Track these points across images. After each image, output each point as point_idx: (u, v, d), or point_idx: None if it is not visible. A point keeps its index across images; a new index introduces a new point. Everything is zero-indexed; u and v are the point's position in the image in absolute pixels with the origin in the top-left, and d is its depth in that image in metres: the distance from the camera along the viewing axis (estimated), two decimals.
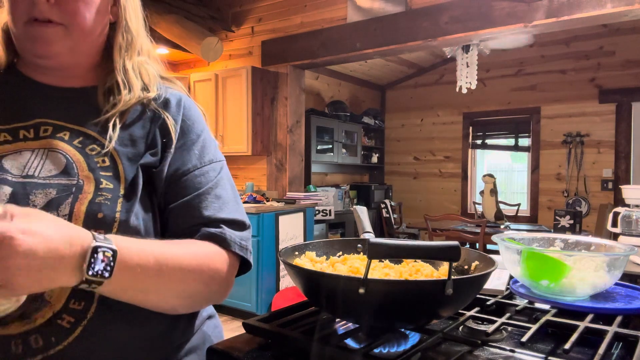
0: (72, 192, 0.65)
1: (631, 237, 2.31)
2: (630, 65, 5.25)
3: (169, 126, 0.74)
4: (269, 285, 3.87)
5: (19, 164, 0.65)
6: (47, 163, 0.66)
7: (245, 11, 4.61)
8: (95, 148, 0.69)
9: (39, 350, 0.59)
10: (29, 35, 0.66)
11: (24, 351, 0.59)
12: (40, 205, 0.63)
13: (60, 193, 0.64)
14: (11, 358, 0.58)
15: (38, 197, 0.64)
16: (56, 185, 0.65)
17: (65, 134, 0.70)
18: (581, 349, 0.67)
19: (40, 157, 0.67)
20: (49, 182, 0.65)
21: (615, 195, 5.23)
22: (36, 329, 0.59)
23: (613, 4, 2.78)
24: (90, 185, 0.66)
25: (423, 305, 0.64)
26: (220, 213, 0.72)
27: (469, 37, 3.42)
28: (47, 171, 0.66)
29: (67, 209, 0.64)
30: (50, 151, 0.67)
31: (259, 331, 0.72)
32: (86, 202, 0.65)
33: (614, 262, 0.80)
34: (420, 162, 6.79)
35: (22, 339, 0.59)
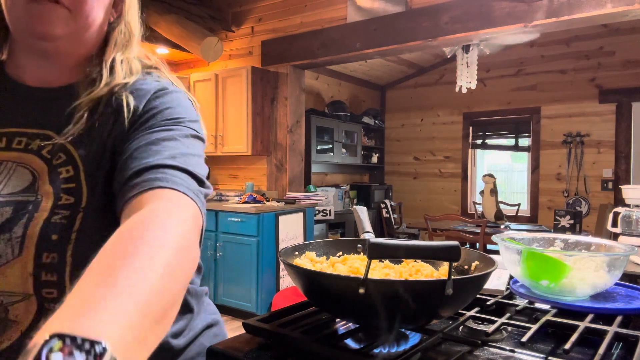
0: (28, 210, 0.60)
1: (631, 237, 2.31)
2: (630, 65, 5.25)
3: (123, 106, 0.65)
4: (269, 285, 3.87)
5: None
6: (13, 178, 0.62)
7: (245, 11, 4.61)
8: (61, 157, 0.64)
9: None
10: (32, 13, 0.61)
11: None
12: None
13: (16, 212, 0.60)
14: None
15: None
16: (13, 204, 0.60)
17: (37, 143, 0.65)
18: (581, 349, 0.67)
19: (7, 171, 0.62)
20: (8, 200, 0.60)
21: (616, 195, 5.23)
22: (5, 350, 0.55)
23: (613, 4, 2.78)
24: (48, 201, 0.61)
25: (423, 305, 0.64)
26: (168, 160, 0.59)
27: (469, 37, 3.42)
28: (11, 187, 0.61)
29: (20, 231, 0.59)
30: (18, 165, 0.63)
31: (259, 331, 0.72)
32: (40, 222, 0.60)
33: (614, 262, 0.80)
34: (420, 162, 6.79)
35: None
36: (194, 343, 0.75)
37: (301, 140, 4.50)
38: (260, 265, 3.77)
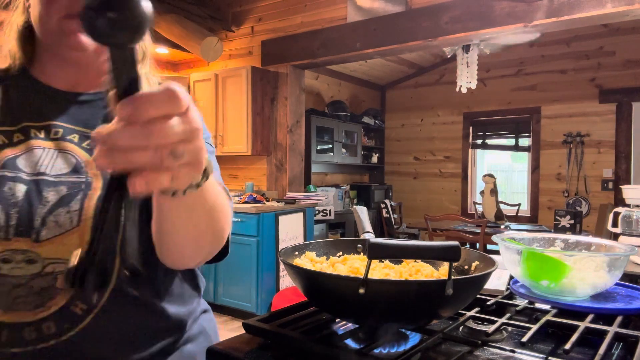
0: (81, 189, 0.68)
1: (631, 237, 2.31)
2: (630, 65, 5.25)
3: None
4: (269, 285, 3.87)
5: (31, 163, 0.68)
6: (58, 162, 0.69)
7: (245, 11, 4.61)
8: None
9: (52, 336, 0.61)
10: (66, 30, 0.67)
11: (37, 337, 0.61)
12: (53, 202, 0.66)
13: (71, 190, 0.67)
14: (24, 344, 0.60)
15: (50, 194, 0.66)
16: (66, 183, 0.68)
17: (75, 137, 0.73)
18: (581, 349, 0.67)
19: (50, 156, 0.69)
20: (59, 180, 0.68)
21: (616, 195, 5.23)
22: (50, 316, 0.61)
23: (613, 4, 2.78)
24: (98, 182, 0.69)
25: (423, 306, 0.64)
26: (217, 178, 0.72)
27: (469, 37, 3.42)
28: (58, 170, 0.69)
29: (77, 205, 0.67)
30: (60, 152, 0.70)
31: (259, 331, 0.72)
32: (94, 198, 0.68)
33: (614, 262, 0.80)
34: (421, 162, 6.79)
35: (35, 326, 0.61)
36: (196, 323, 0.81)
37: (301, 140, 4.50)
38: (260, 265, 3.77)
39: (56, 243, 0.64)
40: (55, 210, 0.65)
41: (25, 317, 0.61)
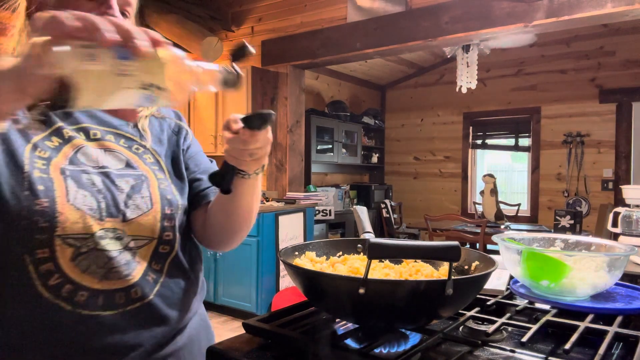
0: (142, 180, 0.80)
1: (631, 237, 2.31)
2: (630, 65, 5.25)
3: (182, 130, 0.94)
4: (269, 285, 3.87)
5: (89, 159, 0.77)
6: (109, 158, 0.79)
7: (245, 11, 4.61)
8: (139, 148, 0.85)
9: (137, 299, 0.74)
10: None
11: (126, 301, 0.73)
12: (127, 190, 0.77)
13: (136, 181, 0.79)
14: (115, 307, 0.72)
15: (122, 183, 0.77)
16: (129, 175, 0.79)
17: (111, 137, 0.82)
18: (581, 349, 0.67)
19: (100, 154, 0.79)
20: (122, 173, 0.79)
21: (616, 195, 5.23)
22: (134, 284, 0.74)
23: (613, 4, 2.78)
24: (150, 175, 0.82)
25: (423, 306, 0.64)
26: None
27: (469, 37, 3.42)
28: (115, 165, 0.79)
29: (147, 193, 0.79)
30: (105, 150, 0.80)
31: (259, 331, 0.72)
32: (157, 186, 0.81)
33: (614, 262, 0.80)
34: (420, 162, 6.79)
35: (124, 292, 0.73)
36: (196, 315, 0.88)
37: (301, 140, 4.50)
38: (260, 266, 3.77)
39: (137, 223, 0.76)
40: (132, 196, 0.77)
41: (116, 285, 0.72)
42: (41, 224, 0.67)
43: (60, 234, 0.68)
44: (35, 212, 0.67)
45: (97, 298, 0.70)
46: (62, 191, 0.70)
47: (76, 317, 0.69)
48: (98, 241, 0.71)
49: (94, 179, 0.74)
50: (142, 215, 0.77)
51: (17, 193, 0.67)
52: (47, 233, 0.68)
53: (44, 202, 0.68)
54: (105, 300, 0.71)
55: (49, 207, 0.68)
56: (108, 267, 0.71)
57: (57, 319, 0.68)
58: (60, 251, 0.68)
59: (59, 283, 0.68)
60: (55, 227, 0.68)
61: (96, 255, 0.71)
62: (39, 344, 0.68)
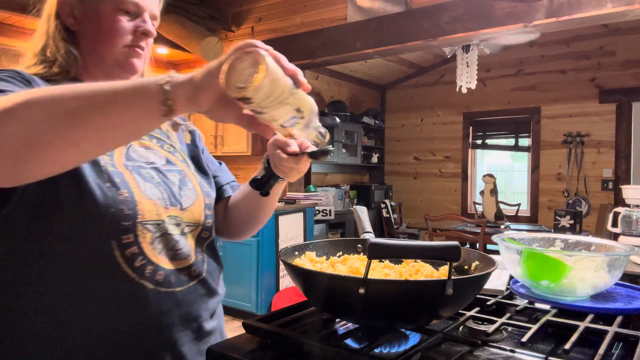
0: (184, 175, 0.90)
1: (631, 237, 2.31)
2: (630, 65, 5.25)
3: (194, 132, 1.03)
4: (269, 285, 3.87)
5: (139, 155, 0.85)
6: (151, 155, 0.87)
7: (245, 11, 4.61)
8: (170, 147, 0.93)
9: (196, 277, 0.84)
10: (128, 56, 0.84)
11: (189, 278, 0.82)
12: (177, 183, 0.87)
13: (180, 175, 0.88)
14: (181, 284, 0.81)
15: (172, 177, 0.87)
16: (174, 171, 0.88)
17: (146, 137, 0.89)
18: (581, 349, 0.67)
19: (143, 151, 0.86)
20: (168, 169, 0.87)
21: (616, 195, 5.23)
22: (193, 263, 0.84)
23: (613, 4, 2.78)
24: (187, 171, 0.91)
25: (423, 306, 0.64)
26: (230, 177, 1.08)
27: (469, 37, 3.42)
28: (160, 161, 0.87)
29: (191, 185, 0.89)
30: (145, 149, 0.87)
31: (259, 331, 0.72)
32: (195, 181, 0.91)
33: (614, 262, 0.80)
34: (420, 162, 6.79)
35: (187, 271, 0.82)
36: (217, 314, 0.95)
37: None
38: (260, 265, 3.77)
39: (190, 211, 0.86)
40: (182, 188, 0.87)
41: (181, 264, 0.82)
42: (126, 212, 0.75)
43: (141, 221, 0.77)
44: (120, 201, 0.75)
45: (170, 276, 0.79)
46: (134, 183, 0.79)
47: (157, 294, 0.77)
48: (167, 227, 0.81)
49: (151, 173, 0.83)
50: (192, 205, 0.87)
51: (100, 185, 0.74)
52: (131, 220, 0.76)
53: (124, 193, 0.76)
54: (175, 278, 0.80)
55: (129, 197, 0.76)
56: (175, 249, 0.81)
57: (143, 296, 0.76)
58: (142, 236, 0.77)
59: (142, 265, 0.77)
60: (137, 214, 0.77)
61: (166, 239, 0.80)
62: (127, 319, 0.75)
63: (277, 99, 0.57)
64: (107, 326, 0.74)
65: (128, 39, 0.83)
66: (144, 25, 0.84)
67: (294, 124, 0.62)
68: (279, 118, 0.60)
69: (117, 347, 0.75)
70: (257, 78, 0.55)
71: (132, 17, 0.84)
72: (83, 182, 0.73)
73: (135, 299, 0.75)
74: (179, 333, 0.79)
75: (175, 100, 0.58)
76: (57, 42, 0.82)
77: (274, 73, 0.56)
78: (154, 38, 0.88)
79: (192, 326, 0.82)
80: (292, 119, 0.62)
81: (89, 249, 0.74)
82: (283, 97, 0.58)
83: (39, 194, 0.72)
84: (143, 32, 0.84)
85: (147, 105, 0.58)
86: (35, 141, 0.55)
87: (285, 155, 0.79)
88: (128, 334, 0.75)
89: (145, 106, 0.58)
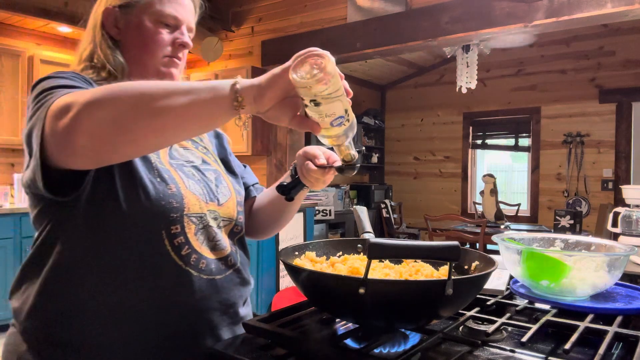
0: (218, 173, 0.97)
1: (631, 237, 2.31)
2: (630, 65, 5.25)
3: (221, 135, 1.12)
4: (269, 285, 3.87)
5: (179, 154, 0.92)
6: (191, 155, 0.94)
7: (245, 11, 4.61)
8: (203, 149, 1.00)
9: (232, 266, 0.90)
10: (167, 65, 0.91)
11: (226, 267, 0.89)
12: (213, 180, 0.94)
13: (215, 174, 0.96)
14: (220, 272, 0.87)
15: (208, 175, 0.94)
16: (209, 169, 0.95)
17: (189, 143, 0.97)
18: (581, 349, 0.67)
19: (183, 151, 0.94)
20: (204, 168, 0.94)
21: (616, 195, 5.23)
22: (229, 254, 0.91)
23: (613, 4, 2.78)
24: (221, 170, 0.99)
25: (423, 306, 0.64)
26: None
27: (469, 37, 3.42)
28: (197, 161, 0.95)
29: (225, 183, 0.96)
30: (183, 149, 0.94)
31: (259, 331, 0.72)
32: (228, 180, 0.98)
33: (614, 262, 0.80)
34: (420, 162, 6.79)
35: (225, 260, 0.89)
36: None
37: (301, 140, 4.50)
38: (260, 265, 3.76)
39: (226, 206, 0.93)
40: (218, 185, 0.94)
41: (220, 254, 0.88)
42: (174, 205, 0.82)
43: (186, 213, 0.84)
44: (169, 195, 0.82)
45: (211, 265, 0.86)
46: (180, 179, 0.86)
47: (200, 280, 0.83)
48: (208, 219, 0.87)
49: (192, 171, 0.91)
50: (227, 201, 0.94)
51: (151, 180, 0.82)
52: (178, 212, 0.83)
53: (172, 187, 0.84)
54: (215, 267, 0.87)
55: (177, 191, 0.84)
56: (214, 240, 0.88)
57: (188, 282, 0.82)
58: (187, 227, 0.84)
59: (188, 253, 0.83)
60: (184, 207, 0.84)
61: (207, 231, 0.87)
62: (175, 302, 0.81)
63: (335, 92, 0.65)
64: (157, 308, 0.80)
65: (167, 50, 0.91)
66: (182, 37, 0.92)
67: (341, 124, 0.69)
68: (331, 113, 0.67)
69: (165, 327, 0.80)
70: (324, 66, 0.64)
71: (171, 29, 0.91)
72: (137, 176, 0.80)
73: (182, 284, 0.81)
74: (218, 317, 0.86)
75: (244, 98, 0.65)
76: (104, 50, 0.89)
77: (335, 69, 0.65)
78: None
79: (229, 312, 0.88)
80: (340, 119, 0.68)
81: (142, 237, 0.80)
82: (339, 93, 0.66)
83: (95, 186, 0.79)
84: (181, 44, 0.92)
85: (220, 101, 0.66)
86: (124, 125, 0.63)
87: (314, 167, 0.86)
88: (176, 316, 0.81)
89: (218, 102, 0.66)
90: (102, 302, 0.78)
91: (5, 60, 3.96)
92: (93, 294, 0.78)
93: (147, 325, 0.80)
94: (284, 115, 0.69)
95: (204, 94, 0.66)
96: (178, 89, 0.66)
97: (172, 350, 0.81)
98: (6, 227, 3.71)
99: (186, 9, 0.94)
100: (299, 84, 0.64)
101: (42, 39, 4.33)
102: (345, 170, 0.83)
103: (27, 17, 3.74)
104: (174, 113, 0.64)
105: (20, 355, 0.80)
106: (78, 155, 0.66)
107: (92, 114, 0.63)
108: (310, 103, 0.66)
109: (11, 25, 4.11)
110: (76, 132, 0.63)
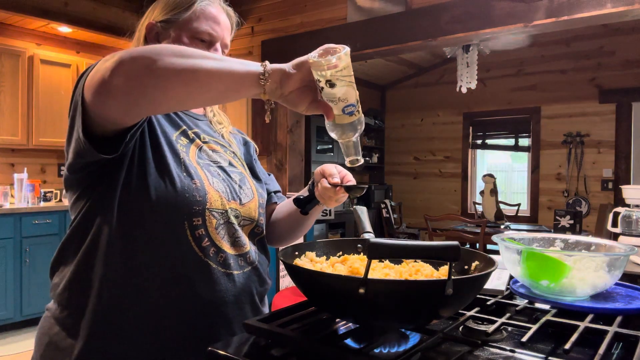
0: (243, 175, 1.03)
1: (631, 237, 2.31)
2: (630, 65, 5.25)
3: (249, 143, 1.20)
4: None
5: (208, 155, 0.98)
6: (218, 157, 1.00)
7: (245, 11, 4.61)
8: (232, 153, 1.06)
9: (250, 263, 0.96)
10: None
11: (245, 264, 0.94)
12: (237, 181, 0.99)
13: (240, 175, 1.02)
14: (240, 268, 0.93)
15: (233, 175, 1.00)
16: (234, 171, 1.01)
17: (211, 139, 1.03)
18: (581, 349, 0.67)
19: (210, 152, 0.99)
20: (230, 169, 1.00)
21: (616, 195, 5.23)
22: (248, 251, 0.96)
23: (613, 4, 2.78)
24: (246, 173, 1.05)
25: (423, 306, 0.64)
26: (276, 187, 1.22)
27: (469, 37, 3.42)
28: (224, 162, 1.01)
29: (248, 185, 1.02)
30: (212, 151, 1.00)
31: (259, 331, 0.72)
32: (252, 183, 1.04)
33: (614, 262, 0.80)
34: (420, 162, 6.79)
35: (244, 257, 0.94)
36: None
37: (301, 140, 4.50)
38: None
39: (247, 207, 0.99)
40: (242, 186, 1.00)
41: (239, 251, 0.94)
42: (197, 198, 0.88)
43: (209, 207, 0.89)
44: (193, 189, 0.88)
45: (230, 260, 0.91)
46: (204, 177, 0.92)
47: (219, 273, 0.88)
48: (229, 216, 0.93)
49: (217, 171, 0.97)
50: (249, 202, 0.99)
51: (179, 173, 0.88)
52: (201, 205, 0.88)
53: (197, 182, 0.89)
54: (234, 262, 0.92)
55: (201, 187, 0.89)
56: (234, 237, 0.93)
57: (207, 273, 0.87)
58: (209, 221, 0.89)
59: (207, 245, 0.88)
60: (206, 201, 0.89)
61: (228, 227, 0.92)
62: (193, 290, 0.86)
63: (349, 75, 0.71)
64: (177, 295, 0.85)
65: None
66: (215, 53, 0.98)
67: (352, 113, 0.74)
68: (344, 98, 0.72)
69: (184, 313, 0.85)
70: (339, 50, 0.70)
71: (206, 45, 0.98)
72: (167, 168, 0.87)
73: (200, 274, 0.86)
74: (234, 312, 0.90)
75: (269, 79, 0.71)
76: None
77: (348, 57, 0.70)
78: None
79: (245, 307, 0.93)
80: (352, 107, 0.73)
81: (167, 226, 0.86)
82: (352, 79, 0.71)
83: (130, 168, 0.86)
84: None
85: (250, 74, 0.71)
86: (158, 71, 0.68)
87: (327, 185, 0.92)
88: (194, 305, 0.86)
89: (248, 73, 0.71)
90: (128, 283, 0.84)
91: (5, 60, 3.96)
92: (121, 273, 0.84)
93: (164, 314, 0.85)
94: (303, 100, 0.74)
95: (236, 65, 0.72)
96: (214, 55, 0.72)
97: (190, 339, 0.85)
98: (6, 227, 3.71)
99: (222, 26, 1.03)
100: (316, 64, 0.69)
101: (42, 39, 4.33)
102: (352, 190, 0.90)
103: (27, 17, 3.74)
104: (205, 71, 0.69)
105: (52, 337, 0.87)
106: (111, 96, 0.70)
107: (134, 58, 0.69)
108: (326, 84, 0.70)
109: (11, 25, 4.11)
110: (115, 73, 0.68)
